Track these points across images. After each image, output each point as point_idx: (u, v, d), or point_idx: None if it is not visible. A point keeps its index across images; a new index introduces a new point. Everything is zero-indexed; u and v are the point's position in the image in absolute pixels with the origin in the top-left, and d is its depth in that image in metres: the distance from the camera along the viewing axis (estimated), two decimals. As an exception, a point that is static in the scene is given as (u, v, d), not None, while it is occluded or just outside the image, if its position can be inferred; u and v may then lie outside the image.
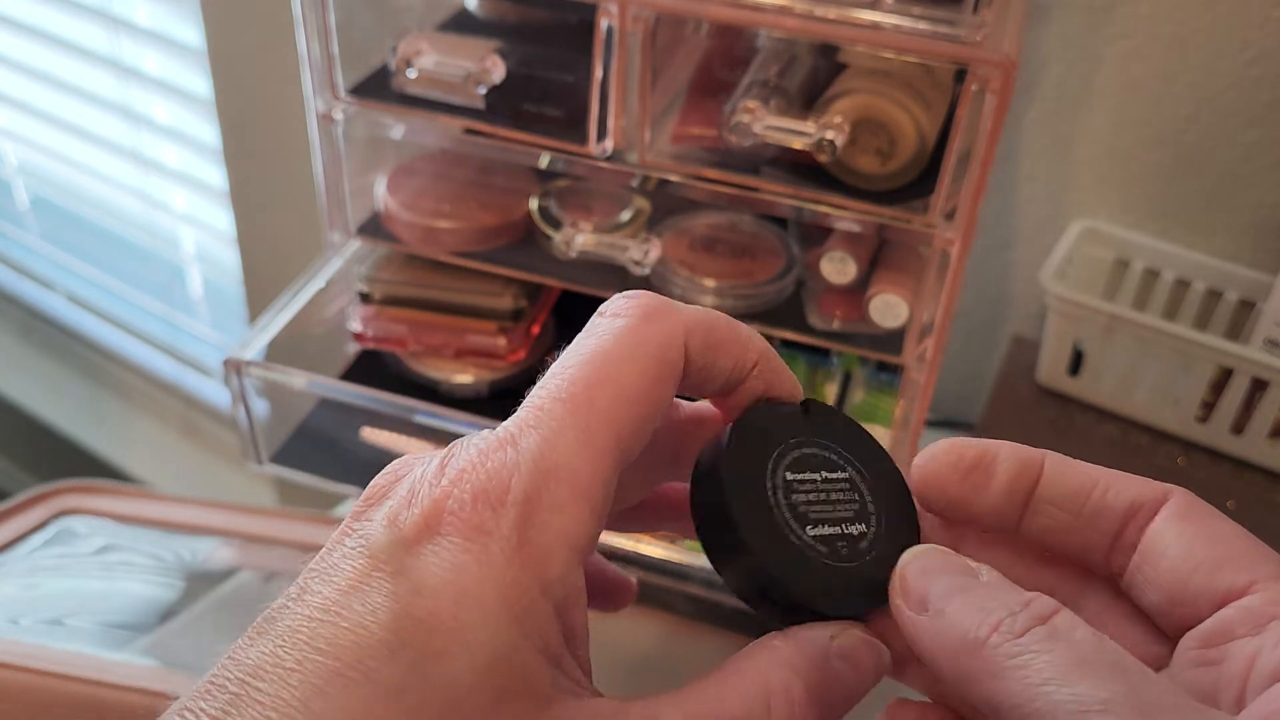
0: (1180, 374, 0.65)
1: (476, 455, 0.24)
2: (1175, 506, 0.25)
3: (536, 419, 0.24)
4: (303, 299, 0.64)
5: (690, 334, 0.26)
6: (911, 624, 0.24)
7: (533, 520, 0.23)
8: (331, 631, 0.21)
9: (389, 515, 0.23)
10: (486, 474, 0.23)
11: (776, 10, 0.49)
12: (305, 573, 0.23)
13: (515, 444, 0.24)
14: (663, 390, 0.25)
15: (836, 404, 0.65)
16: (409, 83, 0.57)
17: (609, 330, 0.26)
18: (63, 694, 0.54)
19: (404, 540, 0.22)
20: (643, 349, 0.25)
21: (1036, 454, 0.27)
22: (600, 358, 0.25)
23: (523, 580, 0.22)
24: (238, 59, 1.02)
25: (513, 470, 0.23)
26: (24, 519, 0.69)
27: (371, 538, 0.23)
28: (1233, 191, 0.70)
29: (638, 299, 0.26)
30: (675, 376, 0.25)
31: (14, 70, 1.28)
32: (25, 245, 1.49)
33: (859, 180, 0.53)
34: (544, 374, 0.26)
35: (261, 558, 0.69)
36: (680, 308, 0.26)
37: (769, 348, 0.28)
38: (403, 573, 0.22)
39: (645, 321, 0.25)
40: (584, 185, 0.64)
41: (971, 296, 0.81)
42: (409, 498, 0.23)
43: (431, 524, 0.23)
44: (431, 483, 0.23)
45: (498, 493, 0.23)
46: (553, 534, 0.23)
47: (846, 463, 0.28)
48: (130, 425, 1.49)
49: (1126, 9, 0.67)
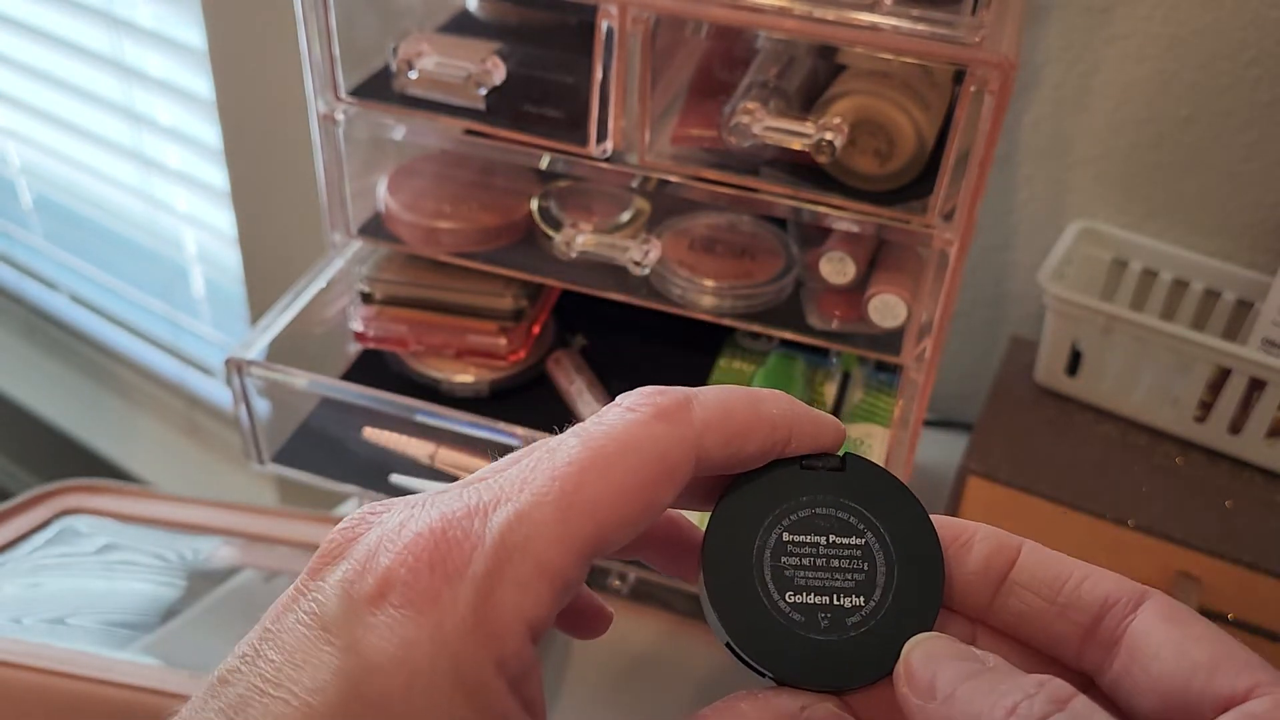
0: (1178, 374, 0.66)
1: (439, 520, 0.23)
2: (1159, 608, 0.24)
3: (515, 491, 0.23)
4: (304, 299, 0.65)
5: (705, 434, 0.25)
6: (920, 712, 0.23)
7: (491, 597, 0.22)
8: (280, 709, 0.21)
9: (343, 581, 0.22)
10: (448, 543, 0.22)
11: (776, 12, 0.49)
12: (261, 633, 0.23)
13: (485, 515, 0.23)
14: (659, 492, 0.24)
15: (835, 404, 0.65)
16: (410, 84, 0.57)
17: (618, 421, 0.24)
18: (65, 692, 0.54)
19: (355, 610, 0.22)
20: (646, 447, 0.24)
21: (1014, 539, 0.26)
22: (599, 446, 0.24)
23: (477, 658, 0.21)
24: (239, 60, 1.02)
25: (476, 543, 0.22)
26: (26, 518, 0.69)
27: (324, 605, 0.22)
28: (1231, 192, 0.70)
29: (654, 395, 0.25)
30: (679, 479, 0.24)
31: (17, 71, 1.28)
32: (28, 245, 1.49)
33: (858, 181, 0.53)
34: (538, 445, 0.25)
35: (263, 557, 0.69)
36: (696, 404, 0.25)
37: (799, 411, 0.26)
38: (353, 648, 0.21)
39: (656, 419, 0.24)
40: (584, 186, 0.64)
41: (970, 297, 0.81)
42: (364, 562, 0.22)
43: (384, 590, 0.22)
44: (388, 547, 0.22)
45: (456, 564, 0.22)
46: (511, 612, 0.22)
47: (868, 528, 0.26)
48: (132, 425, 1.49)
49: (1125, 9, 0.67)
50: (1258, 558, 0.60)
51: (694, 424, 0.24)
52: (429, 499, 0.24)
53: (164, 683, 0.55)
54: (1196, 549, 0.61)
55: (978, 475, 0.65)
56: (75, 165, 1.32)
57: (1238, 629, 0.62)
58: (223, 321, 1.34)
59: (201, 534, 0.70)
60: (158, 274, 1.36)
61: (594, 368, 0.68)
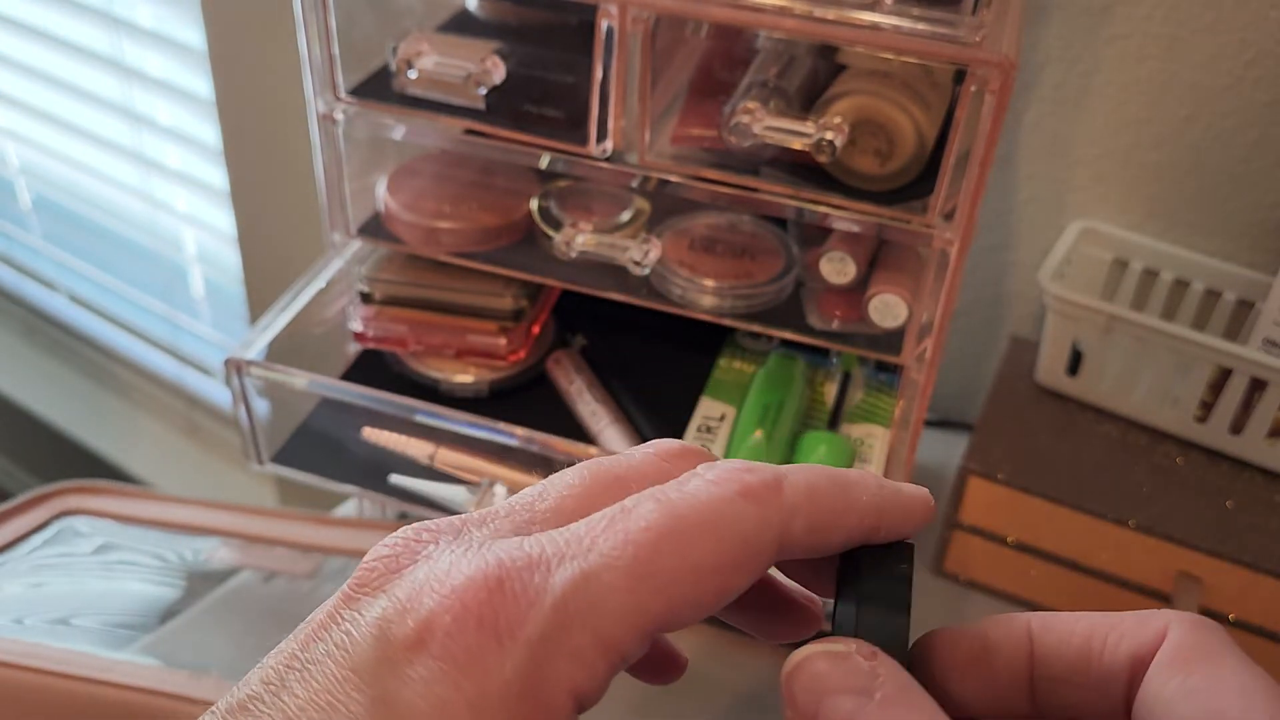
0: (1179, 374, 0.66)
1: (496, 568, 0.20)
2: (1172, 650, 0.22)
3: (583, 550, 0.21)
4: (304, 299, 0.65)
5: (793, 519, 0.22)
6: None
7: (543, 666, 0.20)
8: None
9: (381, 620, 0.20)
10: (502, 596, 0.20)
11: (776, 11, 0.49)
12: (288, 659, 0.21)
13: (547, 571, 0.20)
14: (737, 577, 0.22)
15: (835, 404, 0.65)
16: (410, 83, 0.57)
17: (701, 492, 0.22)
18: (64, 693, 0.54)
19: (390, 656, 0.20)
20: (730, 525, 0.21)
21: (1019, 620, 0.24)
22: (680, 515, 0.21)
23: None
24: (239, 60, 1.02)
25: (534, 600, 0.20)
26: (26, 519, 0.69)
27: (357, 644, 0.20)
28: (1231, 192, 0.70)
29: (742, 472, 0.22)
30: (759, 566, 0.22)
31: (16, 71, 1.28)
32: (27, 246, 1.49)
33: (858, 181, 0.53)
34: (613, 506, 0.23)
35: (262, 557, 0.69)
36: (787, 487, 0.22)
37: (887, 496, 0.24)
38: (383, 700, 0.19)
39: (743, 497, 0.22)
40: (584, 186, 0.64)
41: (970, 296, 0.81)
42: (406, 603, 0.20)
43: (424, 638, 0.20)
44: (434, 588, 0.20)
45: (508, 623, 0.20)
46: (562, 685, 0.20)
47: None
48: (132, 425, 1.49)
49: (1125, 9, 0.67)
50: (1258, 558, 0.60)
51: (782, 509, 0.22)
52: (485, 539, 0.22)
53: (164, 683, 0.55)
54: (1197, 549, 0.61)
55: (978, 475, 0.65)
56: (75, 165, 1.32)
57: (1238, 629, 0.62)
58: (222, 321, 1.34)
59: (201, 534, 0.70)
60: (157, 274, 1.36)
61: (594, 368, 0.68)
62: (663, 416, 0.64)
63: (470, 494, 0.60)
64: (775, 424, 0.61)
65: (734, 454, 0.61)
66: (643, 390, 0.66)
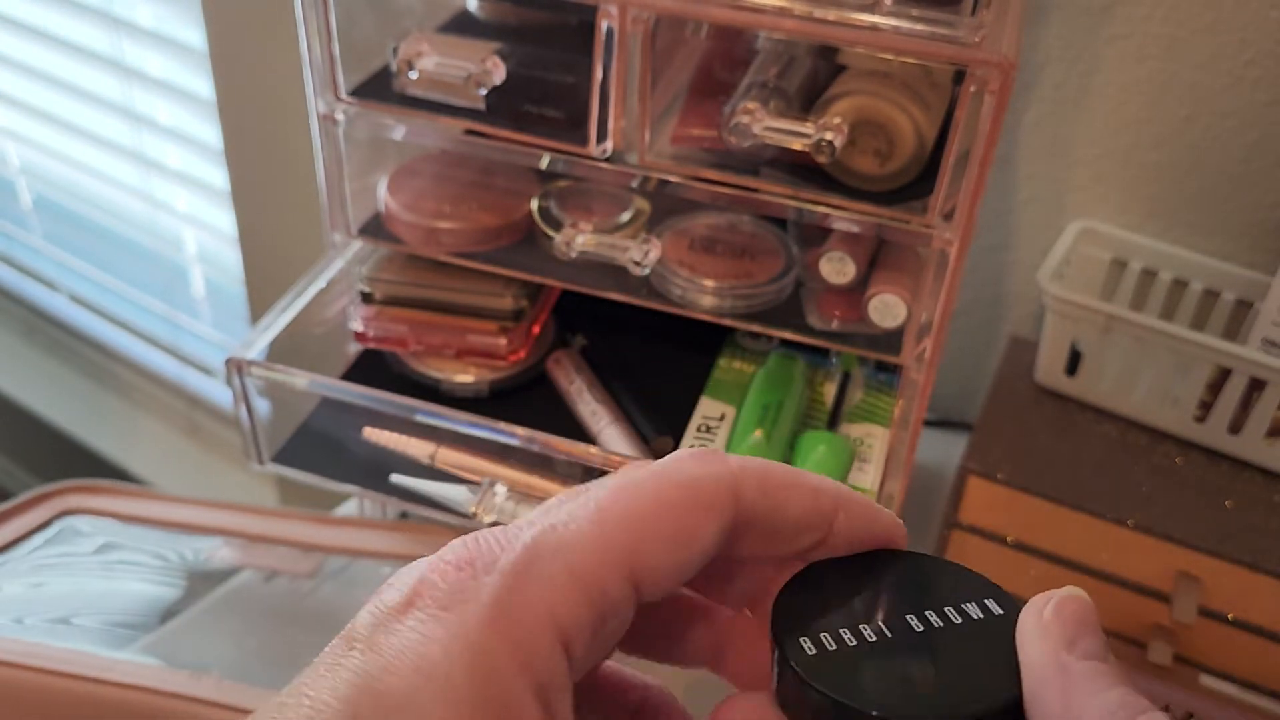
0: (1178, 374, 0.66)
1: (474, 535, 0.23)
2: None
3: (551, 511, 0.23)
4: (304, 299, 0.65)
5: (742, 476, 0.24)
6: None
7: (517, 593, 0.21)
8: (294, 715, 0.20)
9: (374, 598, 0.22)
10: (478, 545, 0.22)
11: (776, 12, 0.49)
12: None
13: (520, 529, 0.23)
14: (696, 518, 0.23)
15: (835, 404, 0.65)
16: (410, 84, 0.57)
17: (656, 464, 0.24)
18: (65, 692, 0.54)
19: (383, 619, 0.21)
20: (680, 476, 0.24)
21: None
22: (632, 474, 0.24)
23: (497, 654, 0.20)
24: (240, 60, 1.03)
25: (507, 546, 0.22)
26: (27, 518, 0.69)
27: (355, 625, 0.22)
28: (1230, 192, 0.70)
29: (689, 451, 0.25)
30: (717, 510, 0.23)
31: (16, 71, 1.28)
32: (28, 246, 1.49)
33: (858, 181, 0.53)
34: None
35: (263, 557, 0.69)
36: (732, 456, 0.25)
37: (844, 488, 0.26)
38: (374, 648, 0.21)
39: (692, 460, 0.24)
40: (584, 186, 0.65)
41: (970, 296, 0.81)
42: (396, 579, 0.22)
43: (414, 599, 0.21)
44: (422, 564, 0.22)
45: (484, 561, 0.22)
46: (538, 607, 0.21)
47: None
48: (132, 425, 1.49)
49: (1125, 9, 0.67)
50: (1258, 558, 0.61)
51: (729, 464, 0.24)
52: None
53: (164, 682, 0.55)
54: (1196, 549, 0.61)
55: (978, 475, 0.65)
56: (75, 165, 1.32)
57: (1238, 629, 0.62)
58: (223, 321, 1.34)
59: (201, 534, 0.70)
60: (158, 274, 1.36)
61: (594, 368, 0.68)
62: (663, 416, 0.65)
63: (471, 494, 0.60)
64: (775, 424, 0.61)
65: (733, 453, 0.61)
66: (643, 390, 0.66)
